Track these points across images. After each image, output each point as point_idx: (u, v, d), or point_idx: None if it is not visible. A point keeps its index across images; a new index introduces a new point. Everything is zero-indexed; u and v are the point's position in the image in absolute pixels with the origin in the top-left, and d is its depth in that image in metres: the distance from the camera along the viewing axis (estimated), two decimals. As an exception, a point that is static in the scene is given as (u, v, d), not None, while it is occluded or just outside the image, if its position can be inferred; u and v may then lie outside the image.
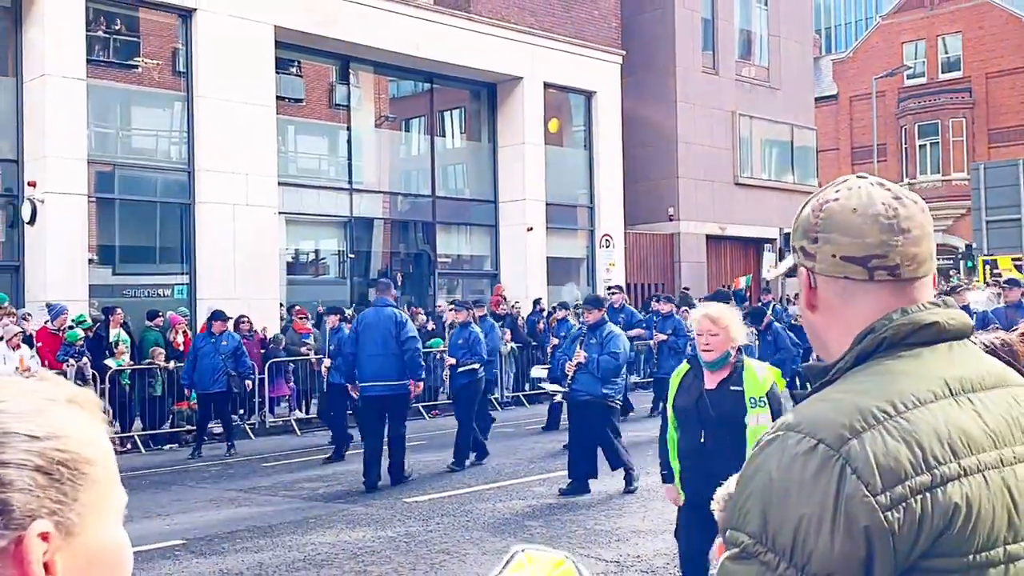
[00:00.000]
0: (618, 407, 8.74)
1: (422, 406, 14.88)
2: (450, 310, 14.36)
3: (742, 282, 22.50)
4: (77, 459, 0.80)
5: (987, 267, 28.27)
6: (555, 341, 13.71)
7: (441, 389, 15.06)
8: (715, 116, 24.38)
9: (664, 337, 12.89)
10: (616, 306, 14.53)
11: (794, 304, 18.80)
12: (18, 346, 11.00)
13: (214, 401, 11.97)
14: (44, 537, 0.76)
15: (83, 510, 0.79)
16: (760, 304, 16.56)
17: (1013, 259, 28.49)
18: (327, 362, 11.65)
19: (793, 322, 15.71)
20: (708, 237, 24.10)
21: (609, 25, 21.82)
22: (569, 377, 8.68)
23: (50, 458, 0.78)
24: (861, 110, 40.01)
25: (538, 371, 13.21)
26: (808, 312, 1.34)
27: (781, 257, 22.78)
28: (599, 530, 7.57)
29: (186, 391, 12.21)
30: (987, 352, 1.33)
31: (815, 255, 1.30)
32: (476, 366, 10.44)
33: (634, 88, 22.51)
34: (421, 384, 10.15)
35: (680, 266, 23.43)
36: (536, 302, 18.52)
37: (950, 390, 1.17)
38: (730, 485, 1.58)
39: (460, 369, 10.48)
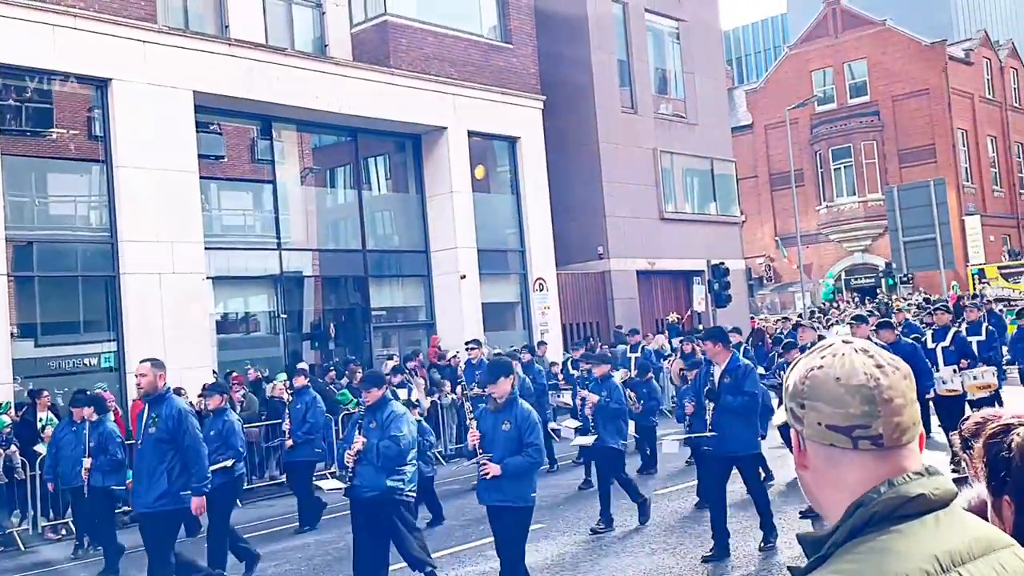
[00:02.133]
0: (410, 500, 7.29)
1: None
2: (199, 395, 12.26)
3: (673, 317, 22.83)
4: None
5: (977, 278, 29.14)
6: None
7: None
8: (636, 154, 24.81)
9: (595, 398, 11.61)
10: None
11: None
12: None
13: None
14: None
15: None
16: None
17: (1000, 267, 29.39)
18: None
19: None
20: (638, 273, 24.41)
21: (528, 71, 22.12)
22: (349, 469, 7.20)
23: None
24: (776, 138, 41.15)
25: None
26: (800, 471, 1.38)
27: (711, 289, 23.19)
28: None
29: (49, 485, 10.94)
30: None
31: (803, 419, 1.34)
32: (230, 463, 8.66)
33: (557, 131, 22.81)
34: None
35: (613, 303, 23.66)
36: (524, 346, 18.48)
37: (941, 567, 1.19)
38: None
39: (213, 468, 8.16)
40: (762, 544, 7.96)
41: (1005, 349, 14.58)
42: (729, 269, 23.71)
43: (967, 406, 10.98)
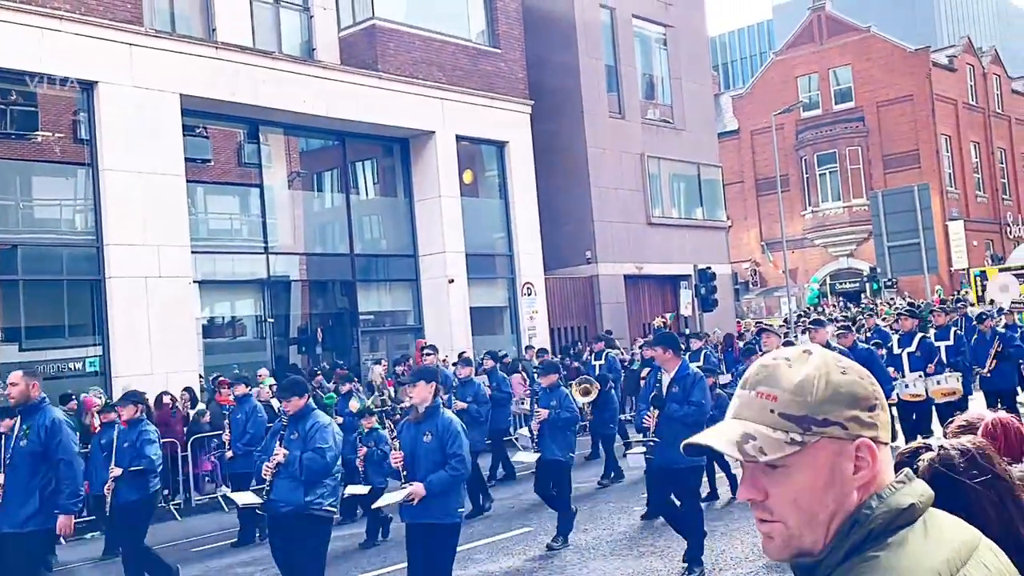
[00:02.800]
0: (331, 516, 6.64)
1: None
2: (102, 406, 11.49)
3: (666, 319, 22.85)
4: None
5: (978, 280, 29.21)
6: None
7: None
8: (624, 159, 24.87)
9: (463, 405, 11.31)
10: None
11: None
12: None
13: None
14: None
15: None
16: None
17: (1003, 269, 29.28)
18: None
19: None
20: (626, 277, 24.46)
21: (516, 76, 22.15)
22: (267, 483, 6.65)
23: None
24: (762, 143, 41.34)
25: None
26: (857, 491, 1.27)
27: (697, 293, 23.25)
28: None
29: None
30: (965, 460, 1.35)
31: (876, 423, 1.29)
32: (143, 469, 8.04)
33: (545, 136, 22.84)
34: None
35: (601, 308, 23.69)
36: (460, 355, 18.46)
37: None
38: None
39: (126, 475, 8.00)
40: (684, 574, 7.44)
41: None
42: (716, 274, 23.79)
43: (933, 411, 10.91)
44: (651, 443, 7.77)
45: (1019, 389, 13.19)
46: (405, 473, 5.99)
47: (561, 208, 23.33)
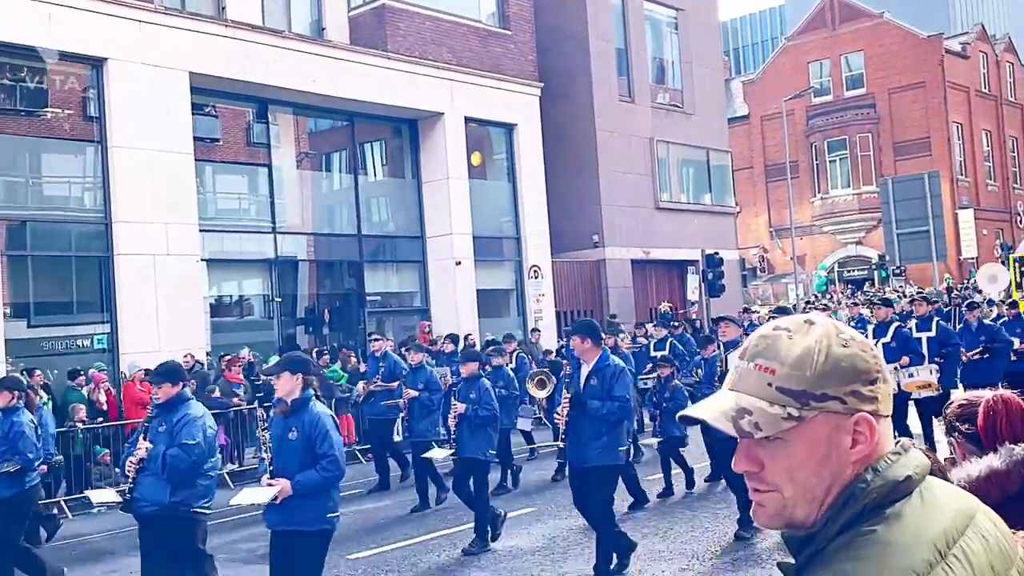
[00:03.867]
0: (203, 518, 6.05)
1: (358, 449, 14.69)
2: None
3: (672, 305, 22.84)
4: None
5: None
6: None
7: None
8: (633, 143, 24.79)
9: (415, 393, 10.88)
10: (377, 354, 12.38)
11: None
12: None
13: None
14: None
15: None
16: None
17: None
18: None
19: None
20: (633, 262, 24.43)
21: (526, 58, 22.07)
22: (129, 480, 6.12)
23: None
24: (772, 129, 41.14)
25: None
26: (853, 465, 1.26)
27: (704, 279, 23.22)
28: (545, 577, 7.57)
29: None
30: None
31: (876, 396, 1.28)
32: (13, 469, 7.29)
33: (554, 119, 22.77)
34: None
35: (608, 292, 23.68)
36: (466, 337, 18.51)
37: (940, 554, 1.18)
38: None
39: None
40: None
41: None
42: (723, 259, 23.74)
43: (910, 407, 10.59)
44: (558, 446, 7.41)
45: (1002, 385, 12.87)
46: (272, 470, 5.42)
47: (569, 191, 23.28)
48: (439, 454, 9.79)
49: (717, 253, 23.65)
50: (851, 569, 1.17)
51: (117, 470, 13.12)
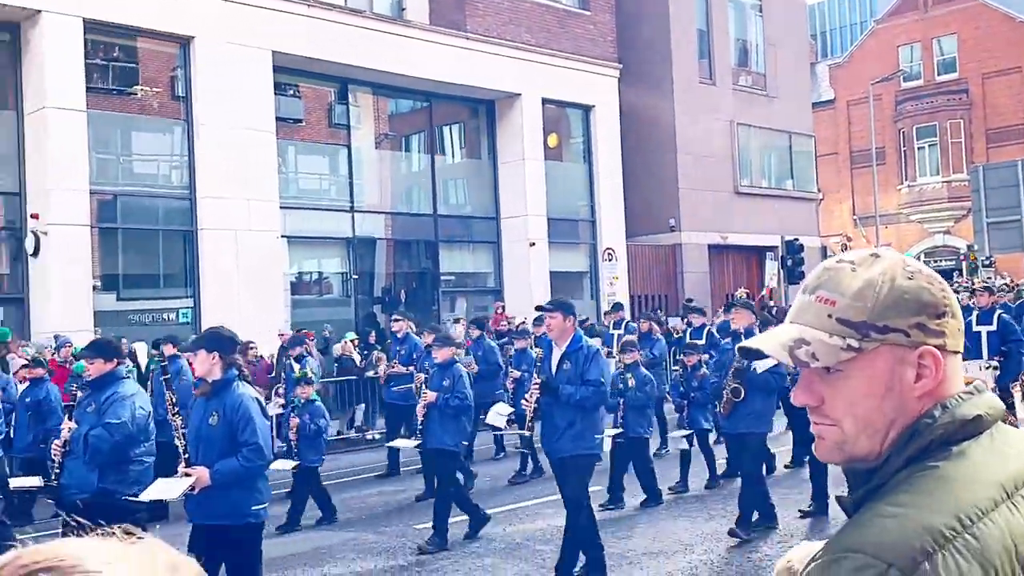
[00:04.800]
0: (135, 507, 5.45)
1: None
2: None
3: (748, 291, 22.46)
4: None
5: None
6: (515, 374, 11.30)
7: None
8: (713, 126, 24.43)
9: (432, 396, 9.58)
10: (399, 335, 11.63)
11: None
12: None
13: None
14: None
15: None
16: None
17: None
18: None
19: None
20: (710, 247, 24.11)
21: (605, 39, 21.90)
22: (55, 464, 5.77)
23: None
24: (859, 114, 40.05)
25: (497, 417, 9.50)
26: (919, 400, 1.22)
27: (783, 265, 22.78)
28: (611, 553, 7.56)
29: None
30: None
31: (944, 331, 1.24)
32: None
33: (632, 100, 22.57)
34: None
35: (683, 277, 23.42)
36: (539, 318, 18.51)
37: (1006, 493, 1.14)
38: (792, 558, 1.48)
39: None
40: None
41: None
42: (804, 246, 23.26)
43: None
44: (523, 434, 7.02)
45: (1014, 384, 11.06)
46: (187, 457, 4.98)
47: (646, 174, 23.07)
48: (405, 444, 9.35)
49: (797, 240, 23.17)
50: (907, 501, 1.14)
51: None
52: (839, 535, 1.14)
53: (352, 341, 15.42)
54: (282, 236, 16.81)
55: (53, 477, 5.61)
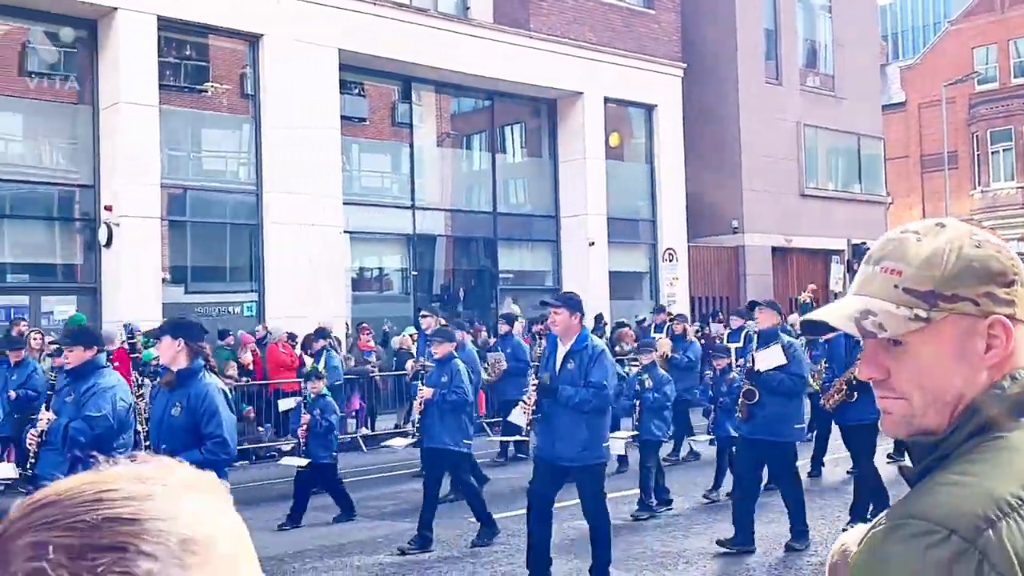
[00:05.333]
0: None
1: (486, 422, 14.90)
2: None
3: (814, 293, 22.08)
4: (187, 541, 0.77)
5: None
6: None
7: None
8: (779, 127, 24.09)
9: (428, 392, 8.74)
10: (427, 331, 10.49)
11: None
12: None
13: None
14: None
15: None
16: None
17: None
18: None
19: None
20: (773, 249, 23.78)
21: (670, 38, 21.74)
22: (31, 454, 5.66)
23: (159, 542, 0.75)
24: (931, 117, 39.11)
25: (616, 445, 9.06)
26: (988, 371, 1.19)
27: (850, 269, 22.36)
28: (667, 552, 7.51)
29: None
30: None
31: (1014, 300, 1.20)
32: None
33: (696, 100, 22.37)
34: None
35: (745, 279, 23.14)
36: (598, 318, 18.47)
37: None
38: (846, 541, 1.45)
39: None
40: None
41: None
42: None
43: None
44: (523, 440, 6.66)
45: None
46: (148, 445, 4.84)
47: (708, 175, 22.85)
48: (400, 443, 9.12)
49: (865, 243, 22.72)
50: (972, 469, 1.11)
51: (260, 429, 13.82)
52: (901, 502, 1.12)
53: (411, 336, 15.55)
54: (344, 232, 17.03)
55: (28, 467, 5.42)
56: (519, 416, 8.95)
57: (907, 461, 1.25)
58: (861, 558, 1.09)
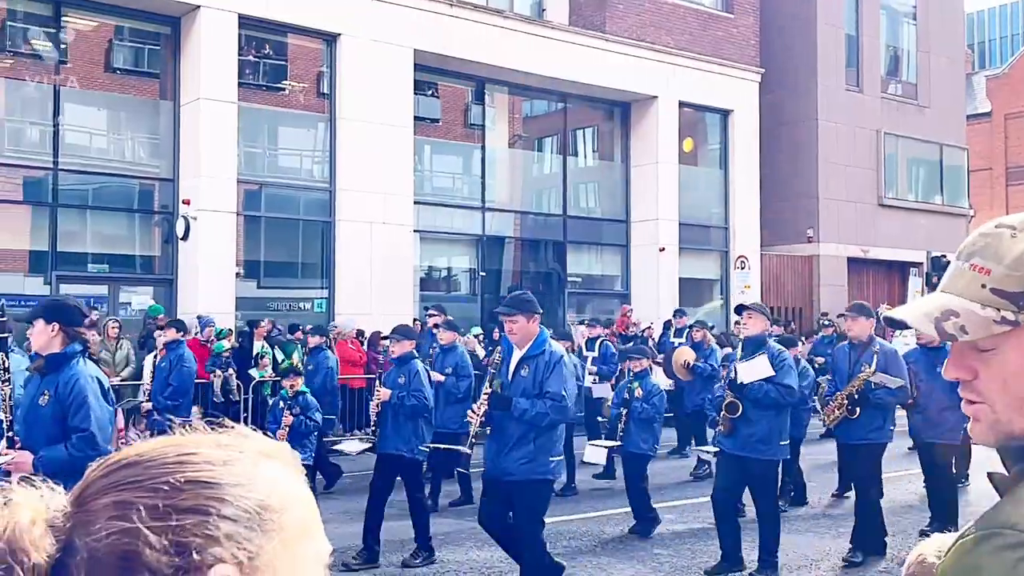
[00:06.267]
0: None
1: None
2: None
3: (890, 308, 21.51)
4: (263, 506, 0.80)
5: None
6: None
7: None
8: (858, 135, 23.51)
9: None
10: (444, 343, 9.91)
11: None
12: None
13: None
14: None
15: (269, 559, 0.79)
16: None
17: None
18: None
19: None
20: (849, 260, 23.21)
21: (748, 43, 21.39)
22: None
23: (238, 506, 0.79)
24: (1017, 128, 37.86)
25: (595, 453, 9.27)
26: None
27: (928, 282, 21.69)
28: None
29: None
30: None
31: None
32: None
33: (773, 106, 21.96)
34: None
35: (820, 290, 22.62)
36: (667, 324, 18.22)
37: None
38: (924, 552, 1.38)
39: None
40: None
41: None
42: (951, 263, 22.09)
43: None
44: (460, 451, 6.22)
45: None
46: (12, 435, 4.37)
47: (784, 182, 22.40)
48: (352, 447, 8.79)
49: (944, 256, 22.02)
50: None
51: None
52: (991, 511, 1.06)
53: (477, 336, 15.55)
54: (414, 231, 17.11)
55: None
56: (594, 453, 8.79)
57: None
58: (949, 567, 1.03)
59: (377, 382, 7.75)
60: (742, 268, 20.81)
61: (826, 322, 19.14)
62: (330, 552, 0.85)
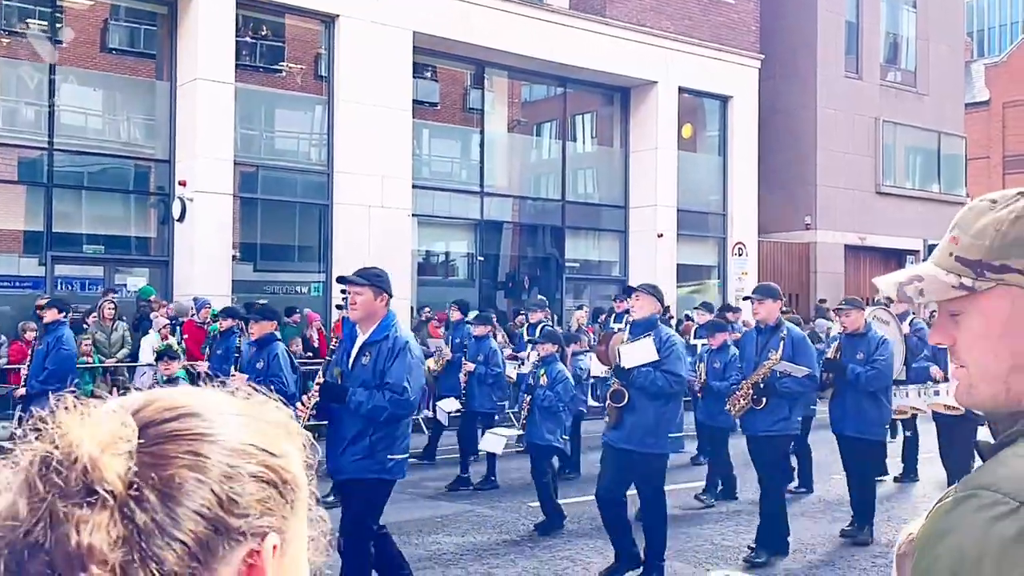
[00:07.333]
0: None
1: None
2: None
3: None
4: (295, 481, 0.81)
5: None
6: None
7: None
8: (857, 122, 23.48)
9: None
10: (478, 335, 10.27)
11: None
12: (167, 337, 11.55)
13: None
14: (272, 551, 0.78)
15: (291, 536, 0.81)
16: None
17: None
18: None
19: None
20: (847, 247, 23.22)
21: (748, 29, 21.31)
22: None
23: (281, 476, 0.80)
24: (1015, 117, 37.86)
25: (492, 442, 9.26)
26: None
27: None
28: (727, 546, 7.35)
29: None
30: None
31: None
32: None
33: (772, 93, 21.91)
34: None
35: (816, 277, 22.64)
36: (665, 310, 18.20)
37: None
38: (913, 530, 1.38)
39: None
40: None
41: None
42: (948, 251, 22.13)
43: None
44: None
45: None
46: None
47: (782, 169, 22.38)
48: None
49: (941, 244, 22.10)
50: None
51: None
52: (972, 475, 1.08)
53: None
54: (412, 215, 17.06)
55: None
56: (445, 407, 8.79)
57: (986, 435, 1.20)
58: (926, 529, 1.05)
59: (234, 367, 7.34)
60: (740, 254, 20.81)
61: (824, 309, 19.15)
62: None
